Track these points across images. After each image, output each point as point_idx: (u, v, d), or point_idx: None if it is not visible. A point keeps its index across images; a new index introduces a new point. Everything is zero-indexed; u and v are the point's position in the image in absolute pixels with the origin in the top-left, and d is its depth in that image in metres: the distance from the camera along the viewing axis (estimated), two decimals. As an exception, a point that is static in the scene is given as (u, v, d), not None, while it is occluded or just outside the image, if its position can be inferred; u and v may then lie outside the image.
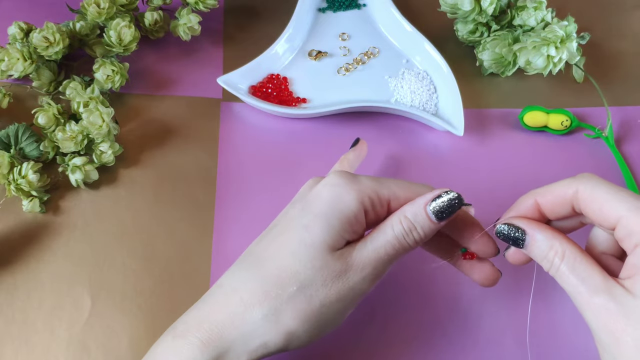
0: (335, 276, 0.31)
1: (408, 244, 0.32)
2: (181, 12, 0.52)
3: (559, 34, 0.48)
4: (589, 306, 0.29)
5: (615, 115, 0.52)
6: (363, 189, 0.32)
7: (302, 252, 0.31)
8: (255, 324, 0.30)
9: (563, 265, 0.30)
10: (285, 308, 0.30)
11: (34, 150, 0.45)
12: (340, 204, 0.32)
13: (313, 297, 0.31)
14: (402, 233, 0.32)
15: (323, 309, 0.31)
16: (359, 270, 0.31)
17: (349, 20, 0.56)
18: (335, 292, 0.31)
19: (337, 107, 0.48)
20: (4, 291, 0.40)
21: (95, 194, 0.45)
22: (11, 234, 0.43)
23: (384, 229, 0.32)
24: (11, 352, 0.38)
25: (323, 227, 0.31)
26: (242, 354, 0.30)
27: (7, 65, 0.46)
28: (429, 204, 0.32)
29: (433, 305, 0.41)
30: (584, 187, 0.30)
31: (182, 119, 0.49)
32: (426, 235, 0.32)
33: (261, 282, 0.31)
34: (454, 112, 0.49)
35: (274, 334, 0.30)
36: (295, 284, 0.31)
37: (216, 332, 0.30)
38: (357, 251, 0.32)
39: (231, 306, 0.31)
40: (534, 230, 0.31)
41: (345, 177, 0.33)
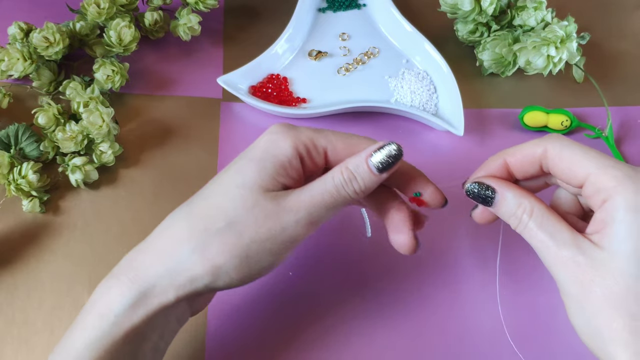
0: (266, 215, 0.31)
1: (347, 194, 0.32)
2: (181, 12, 0.52)
3: (559, 34, 0.48)
4: (558, 259, 0.30)
5: (615, 115, 0.52)
6: (299, 136, 0.33)
7: (233, 192, 0.31)
8: (182, 258, 0.30)
9: (531, 222, 0.31)
10: (212, 242, 0.30)
11: (34, 150, 0.45)
12: (274, 149, 0.32)
13: (242, 233, 0.30)
14: (342, 182, 0.32)
15: (252, 246, 0.31)
16: (292, 212, 0.31)
17: (349, 20, 0.56)
18: (266, 230, 0.31)
19: (337, 107, 0.48)
20: (4, 291, 0.40)
21: (95, 194, 0.45)
22: (11, 234, 0.43)
23: (325, 178, 0.32)
24: (11, 352, 0.38)
25: (254, 169, 0.32)
26: (168, 289, 0.30)
27: (7, 65, 0.46)
28: (371, 156, 0.32)
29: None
30: (553, 146, 0.31)
31: (182, 119, 0.50)
32: (366, 186, 0.32)
33: (191, 219, 0.31)
34: (454, 112, 0.49)
35: (200, 268, 0.30)
36: (224, 220, 0.31)
37: (143, 268, 0.30)
38: (293, 195, 0.32)
39: (160, 243, 0.31)
40: (503, 188, 0.32)
41: (283, 126, 0.33)
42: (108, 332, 0.29)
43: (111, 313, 0.29)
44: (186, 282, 0.30)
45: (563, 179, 0.32)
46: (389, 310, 0.41)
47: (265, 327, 0.40)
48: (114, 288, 0.30)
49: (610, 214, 0.29)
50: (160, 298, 0.30)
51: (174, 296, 0.30)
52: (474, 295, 0.42)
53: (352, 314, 0.41)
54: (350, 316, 0.41)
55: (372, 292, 0.42)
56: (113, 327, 0.29)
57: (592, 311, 0.29)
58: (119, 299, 0.30)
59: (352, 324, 0.40)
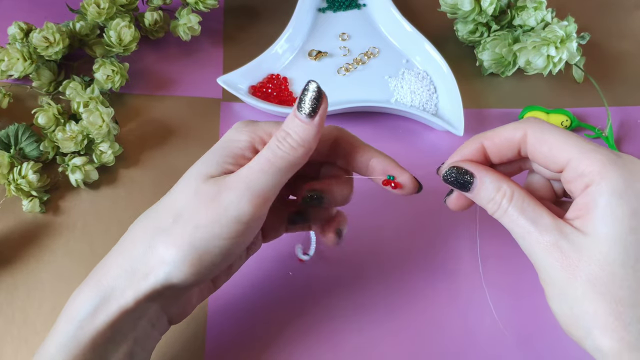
0: (207, 198, 0.30)
1: (285, 152, 0.30)
2: (181, 12, 0.52)
3: (559, 34, 0.48)
4: (539, 245, 0.29)
5: (615, 115, 0.52)
6: (255, 130, 0.32)
7: (179, 185, 0.32)
8: (136, 259, 0.30)
9: (511, 207, 0.30)
10: (161, 239, 0.30)
11: (34, 150, 0.45)
12: (228, 142, 0.32)
13: (186, 222, 0.30)
14: (276, 143, 0.31)
15: (197, 233, 0.30)
16: (232, 189, 0.30)
17: (349, 20, 0.56)
18: (208, 213, 0.30)
19: (337, 107, 0.48)
20: (4, 291, 0.40)
21: (95, 194, 0.45)
22: (11, 234, 0.43)
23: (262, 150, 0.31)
24: (11, 352, 0.38)
25: (201, 161, 0.32)
26: (126, 290, 0.30)
27: (7, 65, 0.46)
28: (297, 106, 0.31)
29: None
30: (533, 130, 0.31)
31: (182, 119, 0.50)
32: (303, 138, 0.31)
33: (146, 221, 0.32)
34: (454, 112, 0.49)
35: (151, 266, 0.30)
36: (171, 215, 0.30)
37: (104, 272, 0.31)
38: (233, 174, 0.31)
39: (122, 249, 0.32)
40: (481, 172, 0.32)
41: (244, 121, 0.33)
42: (74, 337, 0.29)
43: (77, 317, 0.30)
44: (140, 281, 0.30)
45: (542, 163, 0.31)
46: (389, 309, 0.41)
47: (265, 327, 0.40)
48: (80, 294, 0.31)
49: (593, 199, 0.28)
50: (119, 301, 0.30)
51: (132, 298, 0.30)
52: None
53: (352, 315, 0.41)
54: (350, 316, 0.41)
55: (372, 292, 0.42)
56: (78, 331, 0.29)
57: (575, 297, 0.28)
58: (83, 304, 0.30)
59: (353, 325, 0.40)
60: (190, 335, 0.39)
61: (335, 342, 0.40)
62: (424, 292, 0.42)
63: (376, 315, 0.41)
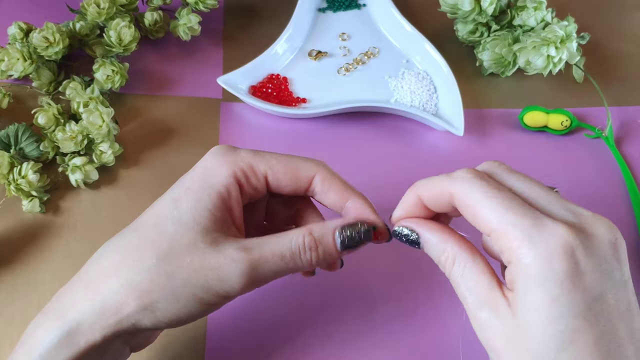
0: (204, 260, 0.28)
1: (301, 262, 0.30)
2: (181, 12, 0.52)
3: (559, 34, 0.48)
4: (475, 320, 0.28)
5: (615, 115, 0.52)
6: (236, 162, 0.31)
7: (169, 227, 0.29)
8: (109, 294, 0.28)
9: (453, 272, 0.29)
10: (141, 279, 0.28)
11: (34, 150, 0.45)
12: (211, 178, 0.30)
13: (174, 274, 0.28)
14: (300, 248, 0.30)
15: (183, 290, 0.28)
16: (235, 264, 0.28)
17: (349, 20, 0.56)
18: (201, 276, 0.28)
19: (337, 107, 0.48)
20: (4, 291, 0.40)
21: (95, 194, 0.45)
22: (11, 234, 0.43)
23: (281, 238, 0.30)
24: (11, 352, 0.38)
25: (191, 202, 0.29)
26: (94, 327, 0.28)
27: (7, 65, 0.46)
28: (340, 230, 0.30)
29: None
30: (459, 192, 0.29)
31: (182, 119, 0.50)
32: (323, 259, 0.30)
33: (121, 253, 0.29)
34: (454, 112, 0.49)
35: (126, 306, 0.28)
36: (155, 256, 0.28)
37: (69, 305, 0.29)
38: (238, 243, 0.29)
39: (88, 279, 0.29)
40: (425, 232, 0.30)
41: (221, 150, 0.32)
42: None
43: (36, 352, 0.28)
44: (112, 320, 0.28)
45: (474, 225, 0.29)
46: (391, 314, 0.41)
47: (265, 327, 0.40)
48: (42, 326, 0.29)
49: (514, 280, 0.26)
50: (87, 337, 0.28)
51: (100, 335, 0.28)
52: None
53: (353, 315, 0.41)
54: (350, 317, 0.41)
55: (374, 295, 0.42)
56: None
57: None
58: (44, 338, 0.28)
59: (353, 325, 0.40)
60: (190, 335, 0.39)
61: (335, 344, 0.40)
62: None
63: (381, 322, 0.41)
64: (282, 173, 0.32)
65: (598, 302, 0.25)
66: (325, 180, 0.32)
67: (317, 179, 0.32)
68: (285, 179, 0.32)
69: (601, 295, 0.25)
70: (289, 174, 0.32)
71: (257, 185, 0.32)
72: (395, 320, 0.41)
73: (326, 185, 0.32)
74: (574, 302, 0.25)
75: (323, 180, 0.32)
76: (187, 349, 0.39)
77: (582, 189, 0.48)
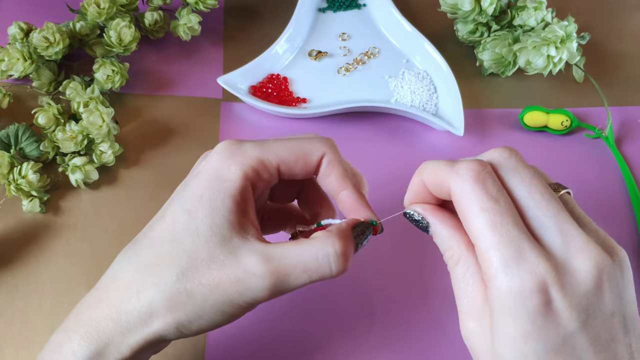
0: (223, 274, 0.28)
1: (328, 272, 0.29)
2: (181, 12, 0.52)
3: (559, 34, 0.48)
4: (463, 326, 0.28)
5: (615, 115, 0.52)
6: (246, 161, 0.29)
7: (186, 240, 0.28)
8: (132, 315, 0.28)
9: (456, 270, 0.29)
10: (162, 298, 0.28)
11: (34, 150, 0.45)
12: (223, 182, 0.29)
13: (195, 292, 0.28)
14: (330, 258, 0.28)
15: (205, 306, 0.28)
16: (256, 277, 0.28)
17: (349, 20, 0.56)
18: (221, 292, 0.28)
19: (337, 107, 0.48)
20: (4, 291, 0.40)
21: (95, 194, 0.45)
22: (11, 234, 0.43)
23: (306, 246, 0.29)
24: (11, 352, 0.38)
25: (206, 212, 0.28)
26: (122, 346, 0.28)
27: (7, 65, 0.46)
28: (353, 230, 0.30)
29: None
30: (456, 191, 0.27)
31: (182, 119, 0.50)
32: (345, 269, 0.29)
33: (140, 270, 0.29)
34: (454, 112, 0.49)
35: (151, 327, 0.28)
36: (174, 273, 0.28)
37: (94, 325, 0.28)
38: (258, 252, 0.28)
39: (109, 298, 0.29)
40: (436, 223, 0.30)
41: (228, 149, 0.30)
42: None
43: None
44: (139, 339, 0.28)
45: None
46: (392, 313, 0.41)
47: (266, 327, 0.40)
48: (65, 346, 0.28)
49: (490, 303, 0.26)
50: (115, 356, 0.28)
51: (129, 352, 0.28)
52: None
53: (353, 315, 0.41)
54: (351, 316, 0.41)
55: (374, 295, 0.42)
56: None
57: None
58: (74, 356, 0.28)
59: (353, 324, 0.40)
60: (189, 337, 0.39)
61: (335, 342, 0.40)
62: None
63: (384, 325, 0.41)
64: (294, 161, 0.31)
65: (575, 337, 0.25)
66: (330, 164, 0.31)
67: (324, 159, 0.31)
68: (297, 167, 0.31)
69: (579, 330, 0.25)
70: (300, 161, 0.31)
71: (270, 178, 0.31)
72: (396, 319, 0.41)
73: (329, 169, 0.32)
74: (547, 338, 0.25)
75: (328, 163, 0.31)
76: (187, 349, 0.39)
77: (582, 189, 0.48)
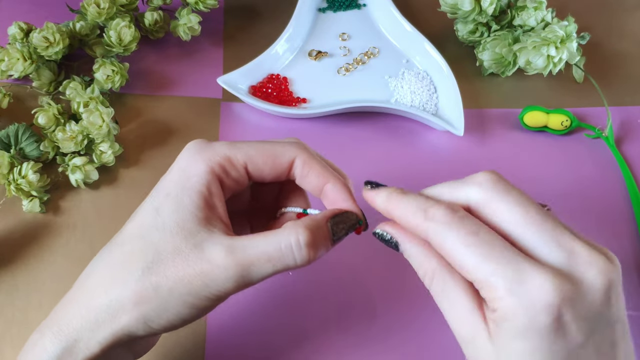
0: (188, 266, 0.28)
1: (292, 260, 0.28)
2: (181, 12, 0.52)
3: (559, 34, 0.48)
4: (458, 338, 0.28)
5: (615, 115, 0.52)
6: (212, 157, 0.30)
7: (151, 235, 0.29)
8: (99, 311, 0.28)
9: (433, 287, 0.29)
10: (128, 293, 0.28)
11: (34, 150, 0.45)
12: (189, 179, 0.29)
13: (160, 284, 0.28)
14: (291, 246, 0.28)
15: (170, 299, 0.28)
16: (221, 268, 0.28)
17: (349, 20, 0.56)
18: (187, 283, 0.28)
19: (337, 107, 0.48)
20: (4, 291, 0.40)
21: (95, 194, 0.45)
22: (11, 234, 0.43)
23: (270, 237, 0.29)
24: (11, 352, 0.38)
25: (172, 208, 0.29)
26: (91, 342, 0.28)
27: (7, 65, 0.46)
28: (330, 222, 0.30)
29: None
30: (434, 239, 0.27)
31: (182, 119, 0.50)
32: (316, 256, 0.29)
33: (109, 268, 0.29)
34: (454, 112, 0.49)
35: (119, 322, 0.28)
36: (140, 267, 0.28)
37: (65, 322, 0.29)
38: (222, 245, 0.28)
39: (81, 295, 0.29)
40: (405, 242, 0.30)
41: (195, 146, 0.31)
42: None
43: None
44: (107, 333, 0.28)
45: None
46: (393, 312, 0.41)
47: (265, 327, 0.40)
48: (38, 344, 0.29)
49: (498, 326, 0.26)
50: (84, 352, 0.28)
51: (98, 349, 0.28)
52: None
53: (353, 314, 0.41)
54: (351, 315, 0.41)
55: (374, 295, 0.42)
56: None
57: None
58: (43, 356, 0.28)
59: (353, 323, 0.40)
60: (190, 335, 0.39)
61: (335, 341, 0.40)
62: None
63: (384, 324, 0.41)
64: (262, 162, 0.31)
65: (583, 347, 0.25)
66: (305, 164, 0.31)
67: (297, 162, 0.31)
68: (265, 168, 0.31)
69: (586, 340, 0.25)
70: (269, 162, 0.31)
71: (238, 177, 0.31)
72: (397, 318, 0.41)
73: (306, 169, 0.31)
74: (555, 351, 0.25)
75: (303, 164, 0.31)
76: (187, 350, 0.39)
77: (582, 189, 0.48)
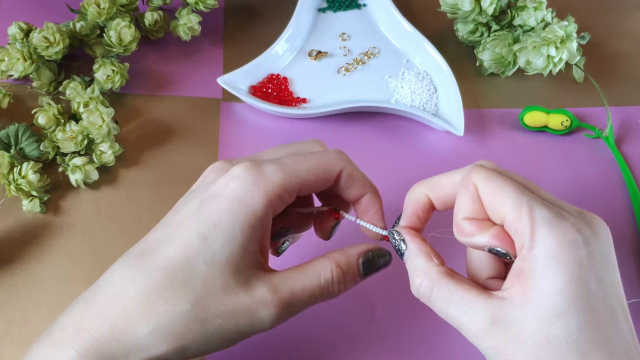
0: (236, 307, 0.28)
1: (329, 294, 0.30)
2: (181, 12, 0.52)
3: (559, 34, 0.48)
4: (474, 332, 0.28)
5: (615, 115, 0.52)
6: (270, 189, 0.29)
7: (200, 268, 0.28)
8: (138, 338, 0.27)
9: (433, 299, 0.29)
10: (173, 325, 0.27)
11: (34, 150, 0.45)
12: (244, 210, 0.28)
13: (207, 321, 0.28)
14: (330, 281, 0.30)
15: (216, 335, 0.28)
16: (267, 307, 0.28)
17: (349, 20, 0.56)
18: (234, 324, 0.28)
19: (337, 107, 0.48)
20: (4, 291, 0.40)
21: (95, 194, 0.45)
22: (11, 234, 0.43)
23: (309, 271, 0.30)
24: (11, 352, 0.38)
25: (223, 241, 0.28)
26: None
27: (7, 65, 0.46)
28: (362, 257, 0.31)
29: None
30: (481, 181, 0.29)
31: (182, 119, 0.50)
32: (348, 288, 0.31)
33: (148, 294, 0.27)
34: (454, 112, 0.49)
35: (157, 349, 0.27)
36: (190, 301, 0.27)
37: (95, 343, 0.27)
38: (268, 283, 0.29)
39: (113, 315, 0.27)
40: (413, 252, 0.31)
41: (248, 173, 0.29)
42: None
43: None
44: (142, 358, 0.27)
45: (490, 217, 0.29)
46: (393, 316, 0.41)
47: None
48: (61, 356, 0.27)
49: (529, 265, 0.27)
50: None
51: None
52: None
53: (353, 317, 0.41)
54: (351, 318, 0.41)
55: (374, 297, 0.42)
56: None
57: None
58: None
59: (353, 328, 0.40)
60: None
61: (336, 341, 0.40)
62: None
63: (388, 329, 0.41)
64: (314, 181, 0.30)
65: (601, 283, 0.27)
66: (350, 176, 0.32)
67: (343, 174, 0.32)
68: (317, 186, 0.31)
69: (602, 278, 0.27)
70: (320, 180, 0.31)
71: (290, 201, 0.30)
72: (397, 321, 0.41)
73: (350, 181, 0.32)
74: (589, 282, 0.26)
75: (348, 177, 0.32)
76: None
77: (582, 189, 0.48)
